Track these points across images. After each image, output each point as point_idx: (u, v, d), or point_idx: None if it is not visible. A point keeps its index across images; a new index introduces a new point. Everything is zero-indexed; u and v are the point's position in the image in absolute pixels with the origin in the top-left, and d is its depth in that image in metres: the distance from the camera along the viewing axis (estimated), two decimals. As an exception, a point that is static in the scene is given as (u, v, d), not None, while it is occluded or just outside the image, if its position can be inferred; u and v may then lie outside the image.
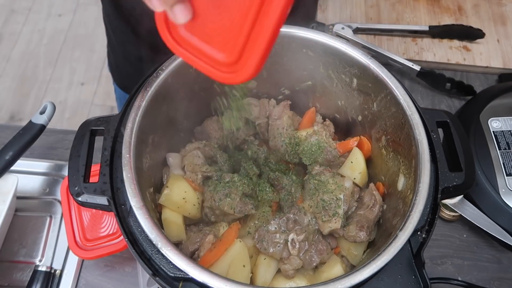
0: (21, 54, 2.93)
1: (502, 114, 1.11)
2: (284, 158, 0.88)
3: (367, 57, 0.79)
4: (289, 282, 0.78)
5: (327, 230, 0.78)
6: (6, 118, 2.66)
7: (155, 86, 0.75)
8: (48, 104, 1.00)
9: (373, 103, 0.82)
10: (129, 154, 0.68)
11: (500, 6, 1.44)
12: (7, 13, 3.12)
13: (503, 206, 0.99)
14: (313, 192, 0.80)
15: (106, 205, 0.67)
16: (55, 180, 1.10)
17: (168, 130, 0.86)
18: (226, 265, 0.75)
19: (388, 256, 0.60)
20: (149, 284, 0.94)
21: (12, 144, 0.95)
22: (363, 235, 0.76)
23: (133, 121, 0.71)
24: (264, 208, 0.85)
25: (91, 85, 2.82)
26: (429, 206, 0.67)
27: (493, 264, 1.02)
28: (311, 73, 0.90)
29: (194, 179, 0.85)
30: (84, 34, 3.02)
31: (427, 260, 1.01)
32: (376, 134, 0.85)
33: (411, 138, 0.72)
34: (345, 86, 0.86)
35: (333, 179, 0.81)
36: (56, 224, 1.05)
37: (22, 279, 0.99)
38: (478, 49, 1.34)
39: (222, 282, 0.58)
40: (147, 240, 0.63)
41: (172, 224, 0.80)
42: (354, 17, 1.41)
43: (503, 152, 1.05)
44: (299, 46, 0.84)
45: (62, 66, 2.90)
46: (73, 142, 0.72)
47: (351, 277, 0.59)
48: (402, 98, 0.74)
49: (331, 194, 0.79)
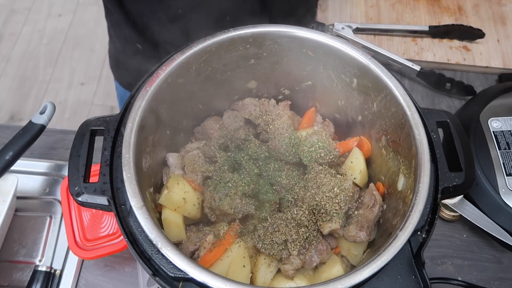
0: (21, 54, 2.93)
1: (502, 114, 1.11)
2: (284, 158, 0.88)
3: (367, 57, 0.79)
4: (289, 282, 0.78)
5: (327, 230, 0.78)
6: (6, 118, 2.67)
7: (155, 86, 0.75)
8: (48, 104, 1.00)
9: (373, 103, 0.82)
10: (129, 154, 0.68)
11: (500, 6, 1.44)
12: (7, 13, 3.12)
13: (503, 206, 0.99)
14: (313, 192, 0.80)
15: (106, 205, 0.67)
16: (55, 180, 1.10)
17: (168, 130, 0.86)
18: (226, 265, 0.75)
19: (388, 256, 0.60)
20: (149, 284, 0.94)
21: (12, 144, 0.95)
22: (363, 235, 0.76)
23: (133, 121, 0.71)
24: (264, 208, 0.85)
25: (91, 85, 2.82)
26: (429, 206, 0.67)
27: (493, 264, 1.02)
28: (311, 73, 0.90)
29: (194, 179, 0.85)
30: (84, 34, 3.02)
31: (427, 260, 1.01)
32: (376, 134, 0.85)
33: (411, 138, 0.72)
34: (345, 86, 0.86)
35: (333, 179, 0.81)
36: (56, 224, 1.05)
37: (22, 279, 0.99)
38: (478, 49, 1.34)
39: (222, 282, 0.58)
40: (147, 240, 0.63)
41: (172, 224, 0.80)
42: (354, 17, 1.42)
43: (503, 152, 1.05)
44: (299, 46, 0.84)
45: (62, 66, 2.90)
46: (73, 142, 0.72)
47: (351, 277, 0.59)
48: (402, 98, 0.74)
49: (331, 194, 0.79)
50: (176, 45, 0.81)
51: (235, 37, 0.81)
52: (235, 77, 0.90)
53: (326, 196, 0.79)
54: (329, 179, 0.81)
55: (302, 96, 0.96)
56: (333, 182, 0.80)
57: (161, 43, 1.16)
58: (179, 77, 0.80)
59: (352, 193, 0.82)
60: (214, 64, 0.84)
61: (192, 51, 0.79)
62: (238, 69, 0.88)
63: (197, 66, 0.82)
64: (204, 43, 0.80)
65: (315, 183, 0.81)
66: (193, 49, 0.79)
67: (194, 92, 0.86)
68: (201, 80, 0.85)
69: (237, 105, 0.95)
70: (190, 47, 0.79)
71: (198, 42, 0.80)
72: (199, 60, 0.81)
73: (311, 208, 0.79)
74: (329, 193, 0.79)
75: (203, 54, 0.80)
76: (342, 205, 0.78)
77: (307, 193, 0.81)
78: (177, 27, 1.08)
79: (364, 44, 1.27)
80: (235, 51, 0.84)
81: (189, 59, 0.79)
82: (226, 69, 0.87)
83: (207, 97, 0.91)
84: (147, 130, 0.75)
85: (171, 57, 0.78)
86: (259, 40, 0.83)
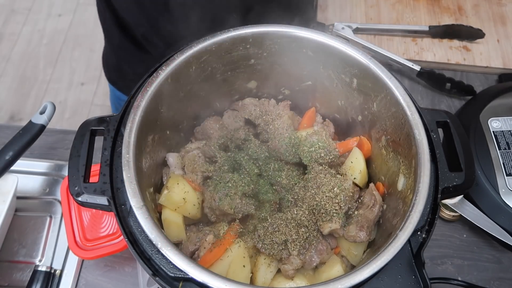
0: (21, 54, 2.93)
1: (502, 114, 1.11)
2: (284, 158, 0.88)
3: (367, 57, 0.79)
4: (289, 282, 0.78)
5: (327, 230, 0.78)
6: (6, 118, 2.67)
7: (155, 86, 0.75)
8: (48, 104, 1.00)
9: (373, 103, 0.82)
10: (129, 154, 0.68)
11: (500, 6, 1.44)
12: (7, 13, 3.12)
13: (503, 206, 0.99)
14: (313, 192, 0.80)
15: (106, 205, 0.67)
16: (55, 180, 1.10)
17: (168, 130, 0.86)
18: (226, 265, 0.75)
19: (388, 256, 0.60)
20: (149, 284, 0.94)
21: (12, 144, 0.95)
22: (363, 235, 0.76)
23: (133, 121, 0.71)
24: (264, 208, 0.85)
25: (91, 85, 2.82)
26: (429, 206, 0.67)
27: (493, 264, 1.02)
28: (311, 73, 0.90)
29: (194, 179, 0.85)
30: (84, 34, 3.02)
31: (427, 260, 1.01)
32: (376, 134, 0.85)
33: (411, 138, 0.72)
34: (345, 86, 0.86)
35: (333, 179, 0.81)
36: (56, 224, 1.05)
37: (22, 279, 0.99)
38: (478, 49, 1.34)
39: (222, 282, 0.58)
40: (147, 240, 0.63)
41: (172, 224, 0.80)
42: (354, 17, 1.41)
43: (503, 152, 1.05)
44: (299, 46, 0.84)
45: (62, 66, 2.90)
46: (73, 142, 0.72)
47: (351, 277, 0.59)
48: (402, 98, 0.74)
49: (331, 194, 0.79)
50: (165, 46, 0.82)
51: (235, 37, 0.81)
52: (235, 77, 0.91)
53: (326, 196, 0.79)
54: (329, 179, 0.81)
55: (302, 96, 0.96)
56: (333, 182, 0.80)
57: (143, 44, 1.17)
58: (179, 77, 0.80)
59: (352, 193, 0.82)
60: (214, 64, 0.84)
61: (192, 51, 0.79)
62: (238, 69, 0.88)
63: (197, 66, 0.82)
64: (204, 43, 0.80)
65: (315, 183, 0.81)
66: (193, 49, 0.79)
67: (194, 92, 0.86)
68: (201, 80, 0.85)
69: (237, 105, 0.95)
70: (190, 47, 0.79)
71: (198, 42, 0.80)
72: (199, 60, 0.81)
73: (311, 208, 0.79)
74: (329, 193, 0.79)
75: (203, 54, 0.80)
76: (342, 205, 0.78)
77: (307, 193, 0.81)
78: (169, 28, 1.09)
79: (364, 44, 1.27)
80: (235, 51, 0.84)
81: (189, 59, 0.79)
82: (226, 69, 0.87)
83: (207, 97, 0.91)
84: (147, 130, 0.75)
85: (171, 57, 0.78)
86: (259, 40, 0.83)
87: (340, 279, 0.59)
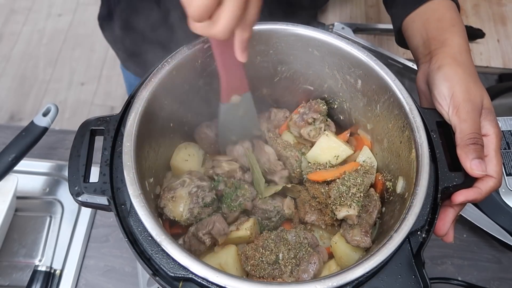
0: (21, 54, 2.93)
1: (502, 114, 1.11)
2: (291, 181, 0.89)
3: (372, 59, 0.78)
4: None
5: (343, 214, 0.75)
6: (6, 118, 2.67)
7: (155, 86, 0.75)
8: (52, 106, 0.99)
9: (376, 104, 0.82)
10: (129, 154, 0.68)
11: (500, 6, 1.44)
12: (7, 13, 3.12)
13: (503, 206, 0.99)
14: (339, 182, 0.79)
15: (106, 205, 0.67)
16: (55, 180, 1.10)
17: (168, 131, 0.86)
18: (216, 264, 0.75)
19: (381, 257, 0.60)
20: (149, 284, 0.94)
21: (14, 145, 0.95)
22: (368, 240, 0.75)
23: (133, 121, 0.71)
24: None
25: (91, 85, 2.82)
26: (429, 206, 0.67)
27: (493, 264, 1.02)
28: (316, 73, 0.89)
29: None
30: (84, 34, 3.01)
31: (427, 260, 1.01)
32: (378, 136, 0.85)
33: (411, 141, 0.71)
34: (350, 87, 0.86)
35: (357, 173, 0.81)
36: (56, 224, 1.05)
37: (22, 279, 0.99)
38: (478, 49, 1.34)
39: (226, 278, 0.57)
40: (147, 240, 0.63)
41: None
42: (354, 17, 1.42)
43: (503, 152, 1.05)
44: (305, 45, 0.83)
45: (62, 66, 2.89)
46: (73, 142, 0.72)
47: (343, 275, 0.58)
48: (405, 101, 0.74)
49: (359, 181, 0.78)
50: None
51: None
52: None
53: (352, 183, 0.77)
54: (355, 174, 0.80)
55: (304, 97, 0.95)
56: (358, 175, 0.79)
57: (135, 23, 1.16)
58: (178, 77, 0.79)
59: (368, 190, 0.81)
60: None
61: (198, 46, 0.78)
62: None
63: (203, 61, 0.80)
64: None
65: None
66: (200, 44, 0.78)
67: (194, 92, 0.86)
68: (201, 84, 0.84)
69: None
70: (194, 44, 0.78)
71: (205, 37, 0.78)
72: (205, 54, 0.79)
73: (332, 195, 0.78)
74: (356, 180, 0.78)
75: (209, 48, 0.78)
76: (362, 190, 0.76)
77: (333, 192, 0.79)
78: None
79: (364, 44, 1.27)
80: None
81: (195, 53, 0.78)
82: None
83: (208, 97, 0.90)
84: (148, 130, 0.75)
85: (171, 55, 0.78)
86: (265, 37, 0.82)
87: (331, 277, 0.58)
